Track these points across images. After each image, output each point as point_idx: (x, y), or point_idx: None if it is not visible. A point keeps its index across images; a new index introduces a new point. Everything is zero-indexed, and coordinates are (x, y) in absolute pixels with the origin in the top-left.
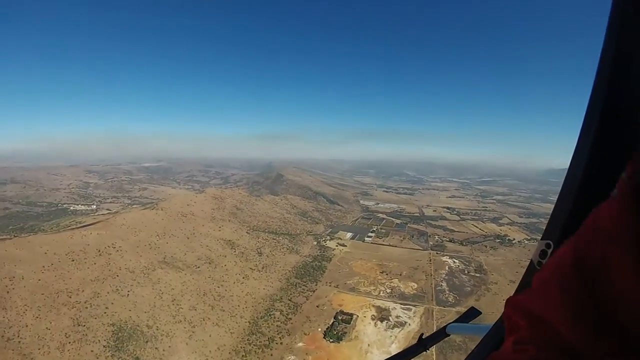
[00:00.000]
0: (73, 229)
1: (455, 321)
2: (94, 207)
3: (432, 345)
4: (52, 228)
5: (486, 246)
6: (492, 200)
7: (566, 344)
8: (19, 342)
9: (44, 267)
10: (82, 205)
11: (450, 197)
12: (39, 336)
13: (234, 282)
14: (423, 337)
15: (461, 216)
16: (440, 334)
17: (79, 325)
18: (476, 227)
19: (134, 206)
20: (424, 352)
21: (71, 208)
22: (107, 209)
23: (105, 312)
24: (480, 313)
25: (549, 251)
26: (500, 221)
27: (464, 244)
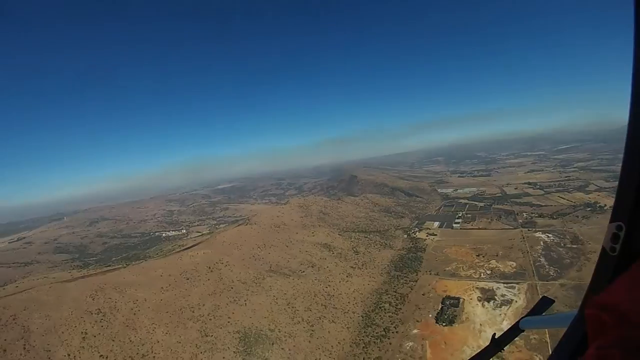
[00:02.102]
0: (178, 251)
1: (527, 314)
2: (184, 231)
3: (507, 345)
4: (157, 253)
5: (577, 216)
6: (573, 169)
7: None
8: (154, 357)
9: (162, 288)
10: (172, 231)
11: (528, 172)
12: (171, 350)
13: (340, 281)
14: (496, 336)
15: (545, 190)
16: (514, 331)
17: (207, 335)
18: (563, 198)
19: (221, 225)
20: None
21: (163, 235)
22: (197, 231)
23: (228, 322)
24: (553, 301)
25: (622, 234)
26: (587, 189)
27: (554, 217)
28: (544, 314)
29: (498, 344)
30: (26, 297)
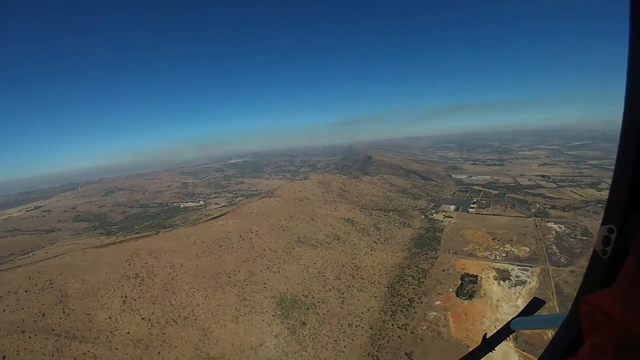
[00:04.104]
0: (206, 220)
1: (518, 315)
2: (202, 202)
3: (497, 345)
4: (183, 222)
5: (589, 211)
6: (586, 166)
7: None
8: (195, 319)
9: (197, 254)
10: (190, 202)
11: (542, 164)
12: (212, 313)
13: (364, 254)
14: (487, 336)
15: (558, 183)
16: (505, 332)
17: (245, 300)
18: (575, 193)
19: (238, 198)
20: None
21: (181, 206)
22: (215, 203)
23: (264, 287)
24: (544, 302)
25: (613, 236)
26: (599, 186)
27: (566, 210)
28: (534, 314)
29: (489, 343)
30: (60, 263)
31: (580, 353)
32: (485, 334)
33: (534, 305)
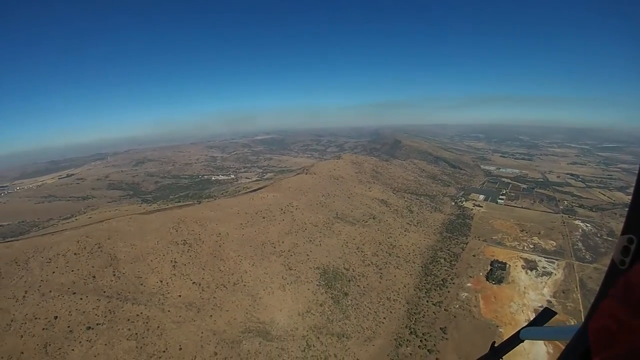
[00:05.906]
0: (246, 193)
1: (528, 325)
2: (233, 176)
3: (506, 354)
4: (222, 194)
5: (615, 214)
6: (616, 169)
7: None
8: (244, 285)
9: (241, 224)
10: (221, 175)
11: (571, 163)
12: (259, 280)
13: (399, 235)
14: (495, 345)
15: (586, 183)
16: (514, 341)
17: (290, 269)
18: (603, 194)
19: (268, 174)
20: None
21: (213, 178)
22: (246, 178)
23: (307, 259)
24: (556, 314)
25: (632, 247)
26: (627, 190)
27: (594, 210)
28: (545, 325)
29: (497, 352)
30: (107, 227)
31: None
32: (494, 342)
33: (545, 315)
